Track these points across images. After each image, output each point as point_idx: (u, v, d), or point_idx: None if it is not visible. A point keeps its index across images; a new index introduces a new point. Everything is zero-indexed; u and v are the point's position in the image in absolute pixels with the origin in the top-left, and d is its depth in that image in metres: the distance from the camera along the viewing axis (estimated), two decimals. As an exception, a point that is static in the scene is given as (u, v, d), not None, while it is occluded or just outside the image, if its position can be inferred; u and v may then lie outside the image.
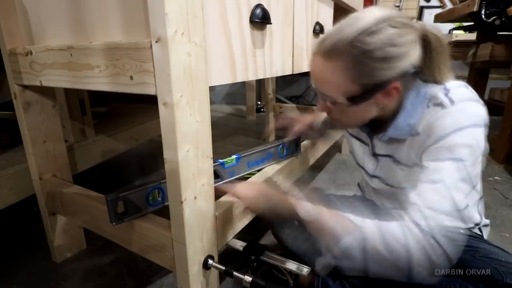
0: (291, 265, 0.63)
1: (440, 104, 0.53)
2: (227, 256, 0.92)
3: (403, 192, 0.59)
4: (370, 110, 0.56)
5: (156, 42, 0.46)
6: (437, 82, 0.57)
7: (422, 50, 0.53)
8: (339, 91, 0.52)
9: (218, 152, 2.06)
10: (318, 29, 1.03)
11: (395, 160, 0.63)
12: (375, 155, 0.67)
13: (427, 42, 0.53)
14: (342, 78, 0.51)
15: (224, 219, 0.65)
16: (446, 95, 0.54)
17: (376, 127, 0.63)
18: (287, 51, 0.84)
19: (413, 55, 0.52)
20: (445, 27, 2.84)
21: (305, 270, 0.62)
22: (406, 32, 0.50)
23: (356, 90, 0.51)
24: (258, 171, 0.87)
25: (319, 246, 0.63)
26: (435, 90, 0.55)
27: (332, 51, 0.51)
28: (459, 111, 0.52)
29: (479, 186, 0.61)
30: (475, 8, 1.57)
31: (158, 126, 0.51)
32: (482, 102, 0.54)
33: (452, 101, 0.53)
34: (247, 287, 0.56)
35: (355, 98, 0.52)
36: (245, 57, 0.65)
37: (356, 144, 0.74)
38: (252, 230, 1.06)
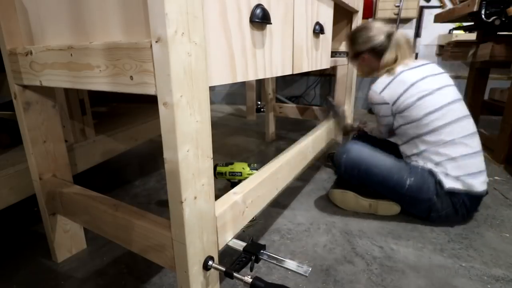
0: (290, 264, 0.63)
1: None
2: (227, 256, 0.92)
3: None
4: (362, 65, 1.26)
5: (156, 42, 0.46)
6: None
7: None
8: (349, 54, 1.33)
9: (218, 152, 2.06)
10: (318, 29, 1.03)
11: None
12: None
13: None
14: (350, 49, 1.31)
15: (224, 219, 0.65)
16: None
17: None
18: (287, 51, 0.84)
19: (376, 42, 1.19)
20: (445, 27, 2.84)
21: (305, 268, 0.62)
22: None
23: (352, 54, 1.29)
24: (257, 170, 0.87)
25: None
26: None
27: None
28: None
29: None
30: (475, 8, 1.57)
31: (158, 126, 0.51)
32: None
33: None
34: None
35: (353, 57, 1.29)
36: (245, 57, 0.65)
37: None
38: (251, 231, 1.06)
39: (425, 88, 1.06)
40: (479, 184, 1.05)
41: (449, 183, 1.04)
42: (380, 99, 1.13)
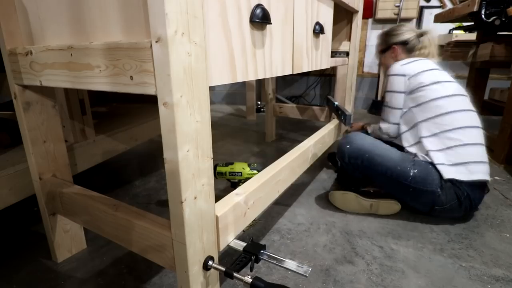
0: (290, 264, 0.63)
1: None
2: (227, 256, 0.92)
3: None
4: (389, 58, 1.36)
5: (156, 42, 0.46)
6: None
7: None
8: (379, 48, 1.42)
9: (218, 152, 2.06)
10: (318, 29, 1.03)
11: None
12: None
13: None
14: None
15: (224, 219, 0.65)
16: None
17: None
18: (287, 51, 0.84)
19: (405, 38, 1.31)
20: (445, 27, 2.84)
21: (305, 269, 0.62)
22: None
23: (383, 47, 1.39)
24: (258, 171, 0.87)
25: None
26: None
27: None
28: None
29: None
30: (475, 8, 1.57)
31: (158, 126, 0.51)
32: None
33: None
34: (247, 288, 0.56)
35: (383, 50, 1.38)
36: (245, 57, 0.65)
37: None
38: (251, 231, 1.06)
39: (443, 76, 1.16)
40: (480, 173, 1.05)
41: (449, 173, 1.05)
42: (400, 70, 1.20)
